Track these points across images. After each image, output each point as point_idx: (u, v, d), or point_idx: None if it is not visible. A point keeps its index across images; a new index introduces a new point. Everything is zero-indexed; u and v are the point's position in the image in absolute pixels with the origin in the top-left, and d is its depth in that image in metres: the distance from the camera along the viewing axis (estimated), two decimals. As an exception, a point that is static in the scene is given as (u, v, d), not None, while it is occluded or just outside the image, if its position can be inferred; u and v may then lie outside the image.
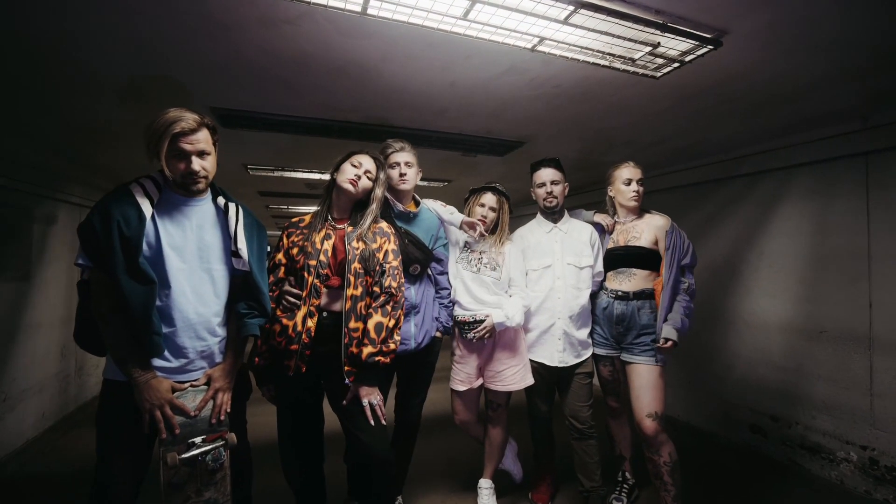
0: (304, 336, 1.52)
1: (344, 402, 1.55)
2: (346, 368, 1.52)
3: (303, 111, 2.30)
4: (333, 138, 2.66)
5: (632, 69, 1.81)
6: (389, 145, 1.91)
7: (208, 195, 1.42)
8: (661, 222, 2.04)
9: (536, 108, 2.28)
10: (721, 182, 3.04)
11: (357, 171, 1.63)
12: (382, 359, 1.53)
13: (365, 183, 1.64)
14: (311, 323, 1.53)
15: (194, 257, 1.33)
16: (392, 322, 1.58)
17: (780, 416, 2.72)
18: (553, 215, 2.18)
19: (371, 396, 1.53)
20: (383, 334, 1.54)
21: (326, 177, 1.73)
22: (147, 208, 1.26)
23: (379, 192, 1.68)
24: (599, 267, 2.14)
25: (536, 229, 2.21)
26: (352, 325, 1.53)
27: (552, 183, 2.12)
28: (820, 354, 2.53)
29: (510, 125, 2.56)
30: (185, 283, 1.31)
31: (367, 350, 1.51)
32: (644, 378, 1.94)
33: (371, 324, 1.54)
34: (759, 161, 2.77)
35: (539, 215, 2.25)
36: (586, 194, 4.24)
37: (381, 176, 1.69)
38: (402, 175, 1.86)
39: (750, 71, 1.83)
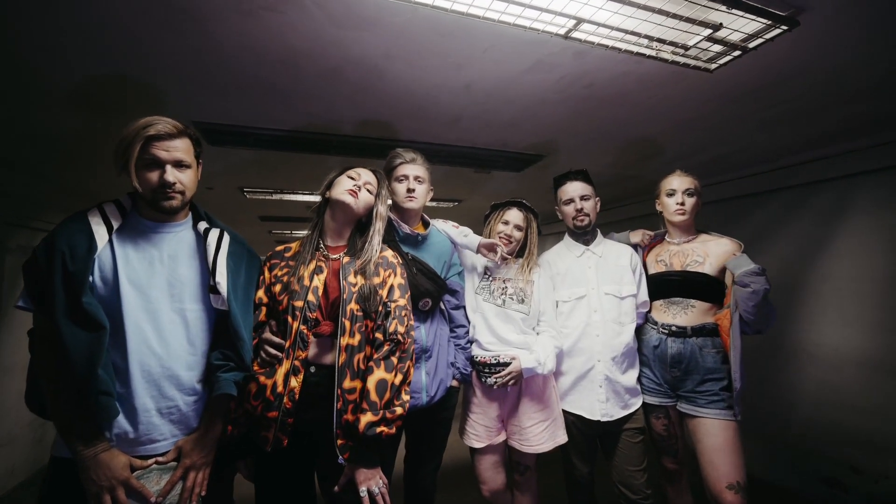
0: (285, 399, 1.18)
1: (336, 487, 1.19)
2: (339, 442, 1.17)
3: (295, 123, 2.04)
4: (333, 155, 2.39)
5: (682, 60, 1.51)
6: (398, 155, 1.62)
7: (188, 220, 1.20)
8: (731, 247, 1.69)
9: (561, 115, 1.99)
10: (770, 194, 2.70)
11: (356, 181, 1.33)
12: (386, 429, 1.18)
13: (366, 197, 1.35)
14: (294, 382, 1.20)
15: (163, 295, 1.10)
16: (399, 378, 1.23)
17: (864, 467, 2.28)
18: (584, 236, 1.86)
19: (371, 482, 1.17)
20: (387, 395, 1.20)
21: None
22: (101, 236, 1.04)
23: (382, 209, 1.39)
24: (644, 296, 1.79)
25: (565, 253, 1.88)
26: (347, 384, 1.20)
27: (581, 198, 1.80)
28: (911, 395, 2.11)
29: (530, 135, 2.27)
30: (148, 326, 1.07)
31: (367, 418, 1.16)
32: (717, 437, 1.55)
33: (372, 382, 1.20)
34: (817, 169, 2.43)
35: (567, 237, 1.93)
36: (608, 212, 3.91)
37: (384, 192, 1.40)
38: (409, 191, 1.56)
39: (822, 60, 1.53)
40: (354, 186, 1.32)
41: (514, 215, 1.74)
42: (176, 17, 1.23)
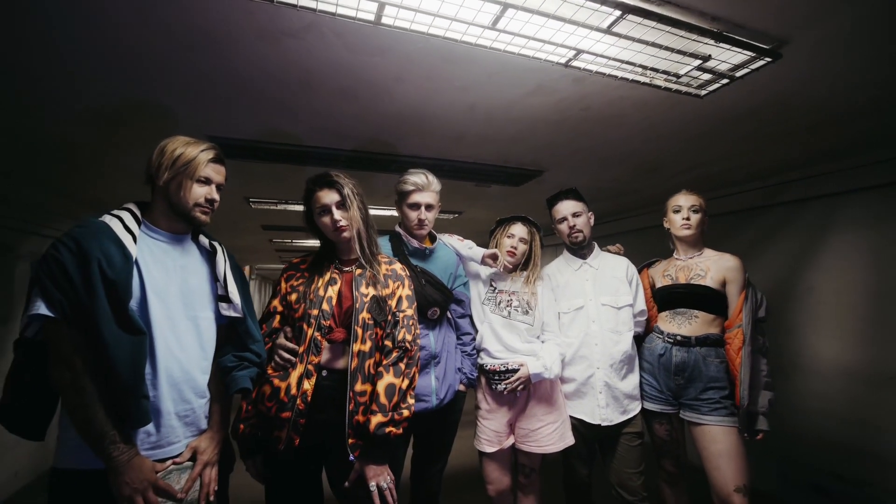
0: (298, 401, 1.26)
1: (346, 483, 1.26)
2: (350, 441, 1.25)
3: (304, 139, 2.12)
4: (341, 168, 2.47)
5: (674, 87, 1.61)
6: (410, 182, 1.65)
7: (188, 234, 1.27)
8: (731, 263, 1.79)
9: (560, 134, 2.09)
10: (761, 210, 2.81)
11: (331, 215, 1.36)
12: (394, 430, 1.26)
13: (346, 219, 1.36)
14: (307, 385, 1.27)
15: (178, 303, 1.15)
16: (406, 382, 1.31)
17: (848, 475, 2.35)
18: (581, 251, 1.95)
19: (380, 478, 1.25)
20: (395, 398, 1.28)
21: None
22: (131, 246, 1.08)
23: (355, 212, 1.36)
24: (641, 305, 1.89)
25: (564, 267, 1.97)
26: (358, 387, 1.27)
27: (574, 216, 1.90)
28: (894, 403, 2.20)
29: (530, 152, 2.37)
30: (170, 334, 1.12)
31: (377, 419, 1.24)
32: (722, 444, 1.63)
33: (381, 385, 1.28)
34: (805, 187, 2.54)
35: (565, 251, 2.02)
36: (606, 224, 4.02)
37: (349, 192, 1.36)
38: (420, 221, 1.65)
39: (807, 87, 1.63)
40: (336, 227, 1.35)
41: (519, 229, 1.84)
42: (199, 40, 1.31)
